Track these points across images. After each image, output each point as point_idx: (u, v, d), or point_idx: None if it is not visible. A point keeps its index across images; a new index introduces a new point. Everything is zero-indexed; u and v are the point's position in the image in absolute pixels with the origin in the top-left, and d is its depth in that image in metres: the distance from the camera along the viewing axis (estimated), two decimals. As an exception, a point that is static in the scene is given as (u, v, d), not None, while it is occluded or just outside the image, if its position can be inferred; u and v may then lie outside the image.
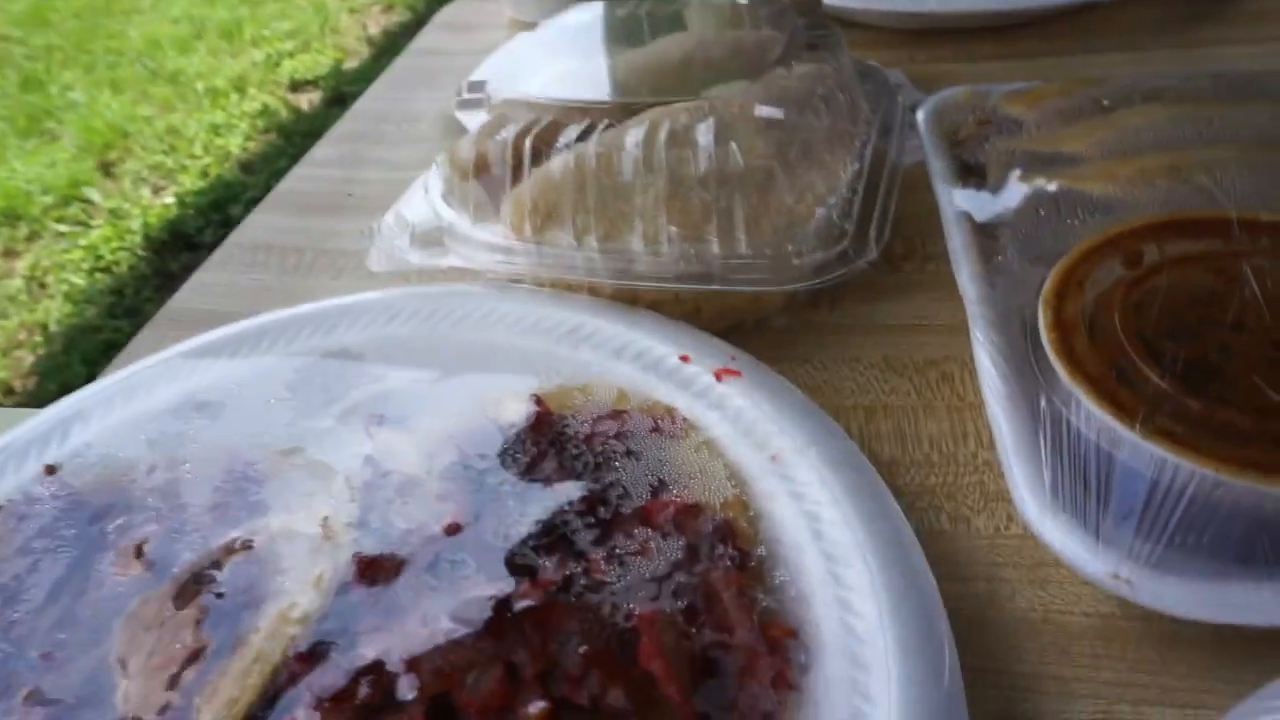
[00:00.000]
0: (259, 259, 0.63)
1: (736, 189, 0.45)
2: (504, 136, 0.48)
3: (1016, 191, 0.47)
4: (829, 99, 0.51)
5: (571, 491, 0.37)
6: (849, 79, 0.55)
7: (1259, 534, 0.30)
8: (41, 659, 0.34)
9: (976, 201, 0.48)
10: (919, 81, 0.69)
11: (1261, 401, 0.32)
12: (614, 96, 0.54)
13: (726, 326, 0.48)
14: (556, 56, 0.59)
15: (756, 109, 0.47)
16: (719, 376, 0.43)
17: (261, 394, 0.46)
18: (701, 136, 0.45)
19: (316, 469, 0.41)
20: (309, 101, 2.72)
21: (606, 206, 0.46)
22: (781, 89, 0.49)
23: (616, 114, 0.49)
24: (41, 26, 3.19)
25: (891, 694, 0.29)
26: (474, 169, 0.50)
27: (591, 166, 0.46)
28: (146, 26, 3.16)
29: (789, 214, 0.46)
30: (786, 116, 0.47)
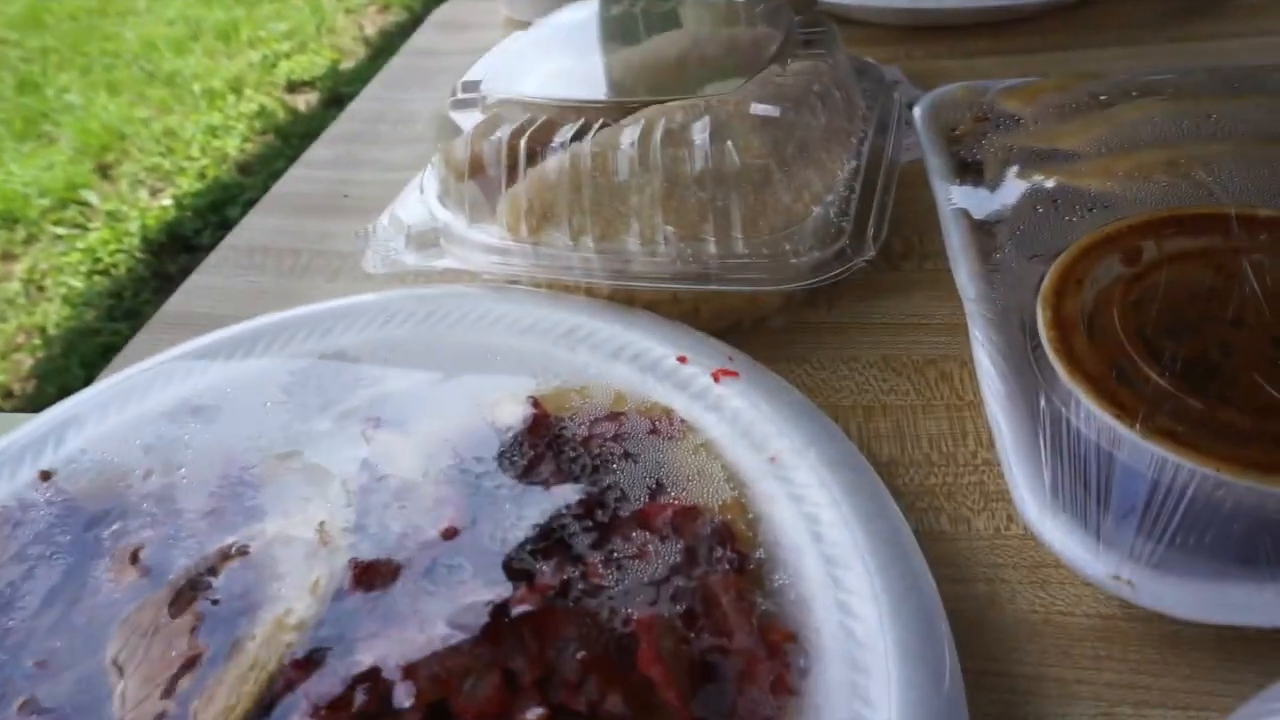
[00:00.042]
0: (255, 261, 0.63)
1: (733, 188, 0.45)
2: (499, 136, 0.48)
3: (1014, 188, 0.47)
4: (825, 96, 0.51)
5: (569, 495, 0.37)
6: (845, 76, 0.55)
7: (1260, 534, 0.30)
8: (36, 667, 0.34)
9: (974, 199, 0.48)
10: (915, 78, 0.69)
11: (1262, 400, 0.32)
12: (609, 95, 0.53)
13: (724, 326, 0.48)
14: (551, 55, 0.58)
15: (752, 107, 0.47)
16: (717, 377, 0.42)
17: (257, 398, 0.45)
18: (697, 135, 0.45)
19: (313, 473, 0.41)
20: (306, 102, 2.72)
21: (602, 206, 0.46)
22: (777, 87, 0.49)
23: (612, 113, 0.48)
24: (37, 29, 3.18)
25: (892, 698, 0.29)
26: (469, 169, 0.49)
27: (587, 166, 0.46)
28: (142, 28, 3.15)
29: (786, 213, 0.46)
30: (783, 115, 0.47)
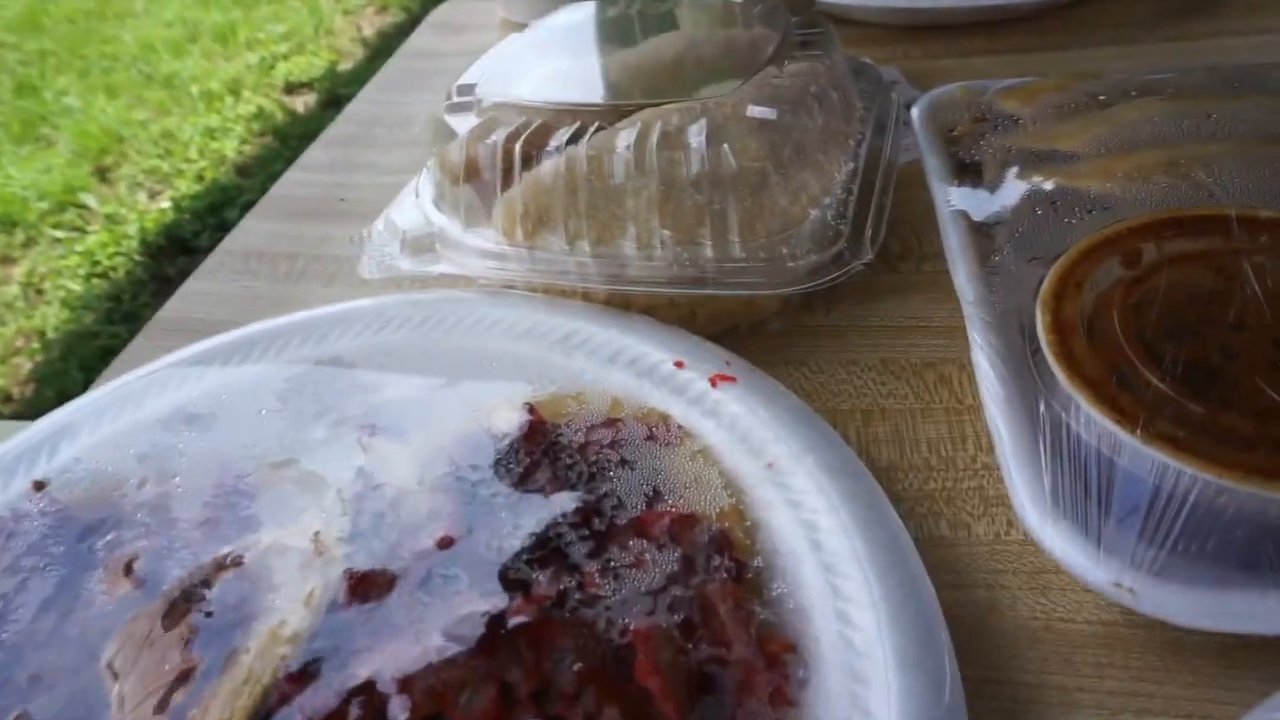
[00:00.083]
0: (251, 266, 0.62)
1: (730, 191, 0.45)
2: (494, 140, 0.48)
3: (1013, 190, 0.46)
4: (822, 98, 0.50)
5: (565, 502, 0.37)
6: (842, 77, 0.55)
7: (1263, 540, 0.30)
8: (30, 681, 0.34)
9: (973, 200, 0.47)
10: (913, 78, 0.69)
11: (1264, 404, 0.32)
12: (606, 97, 0.53)
13: (721, 330, 0.47)
14: (548, 57, 0.58)
15: (749, 110, 0.46)
16: (714, 382, 0.42)
17: (252, 405, 0.45)
18: (693, 138, 0.45)
19: (308, 482, 0.40)
20: (304, 104, 2.72)
21: (598, 210, 0.46)
22: (774, 89, 0.49)
23: (607, 116, 0.48)
24: (35, 31, 3.18)
25: (892, 709, 0.29)
26: (464, 173, 0.49)
27: (583, 169, 0.45)
28: (140, 30, 3.15)
29: (783, 216, 0.46)
30: (779, 117, 0.46)
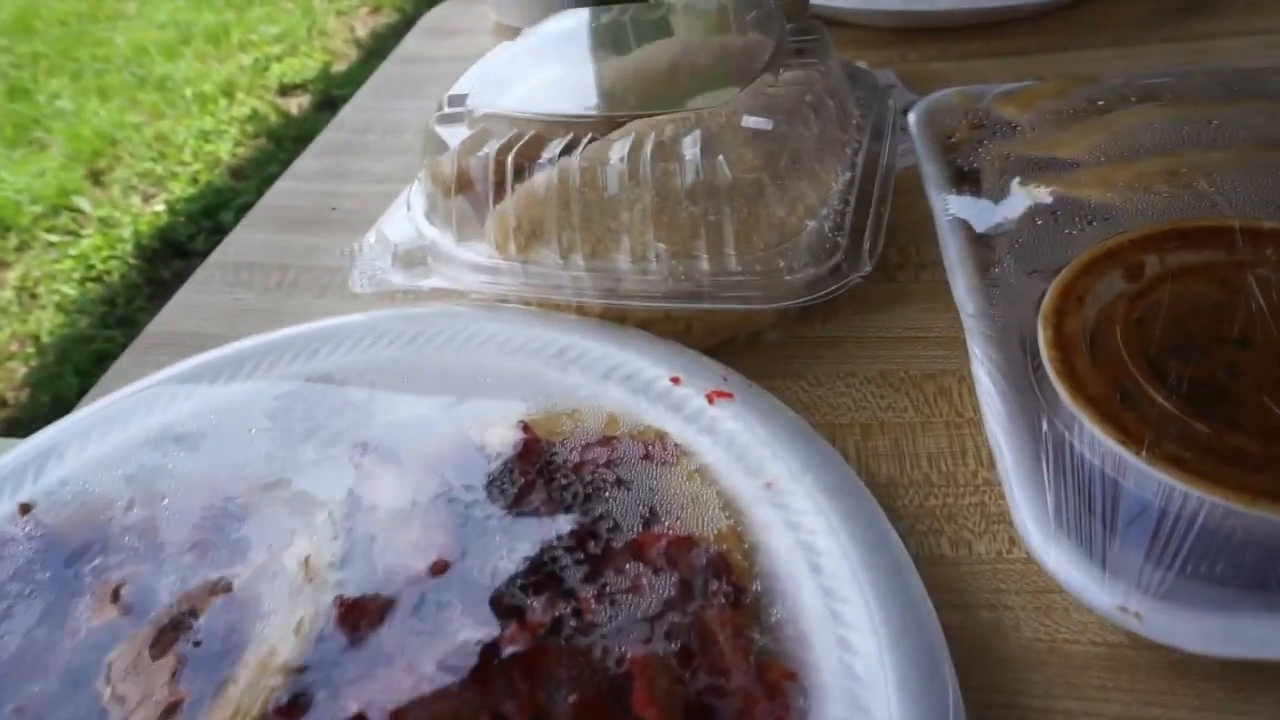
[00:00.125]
0: (241, 278, 0.61)
1: (725, 202, 0.44)
2: (486, 152, 0.47)
3: (1013, 199, 0.46)
4: (818, 106, 0.50)
5: (560, 525, 0.36)
6: (838, 84, 0.54)
7: (1272, 564, 0.29)
8: (14, 713, 0.33)
9: (972, 209, 0.47)
10: (910, 81, 0.68)
11: (1271, 424, 0.31)
12: (600, 105, 0.52)
13: (718, 343, 0.47)
14: (540, 65, 0.57)
15: (744, 120, 0.46)
16: (711, 399, 0.41)
17: (242, 423, 0.44)
18: (688, 149, 0.44)
19: (298, 503, 0.40)
20: (298, 105, 2.71)
21: (592, 223, 0.45)
22: (769, 98, 0.48)
23: (600, 127, 0.47)
24: (27, 34, 3.16)
25: (894, 738, 0.28)
26: (456, 185, 0.48)
27: (576, 181, 0.45)
28: (133, 33, 3.13)
29: (780, 227, 0.45)
30: (775, 126, 0.46)
